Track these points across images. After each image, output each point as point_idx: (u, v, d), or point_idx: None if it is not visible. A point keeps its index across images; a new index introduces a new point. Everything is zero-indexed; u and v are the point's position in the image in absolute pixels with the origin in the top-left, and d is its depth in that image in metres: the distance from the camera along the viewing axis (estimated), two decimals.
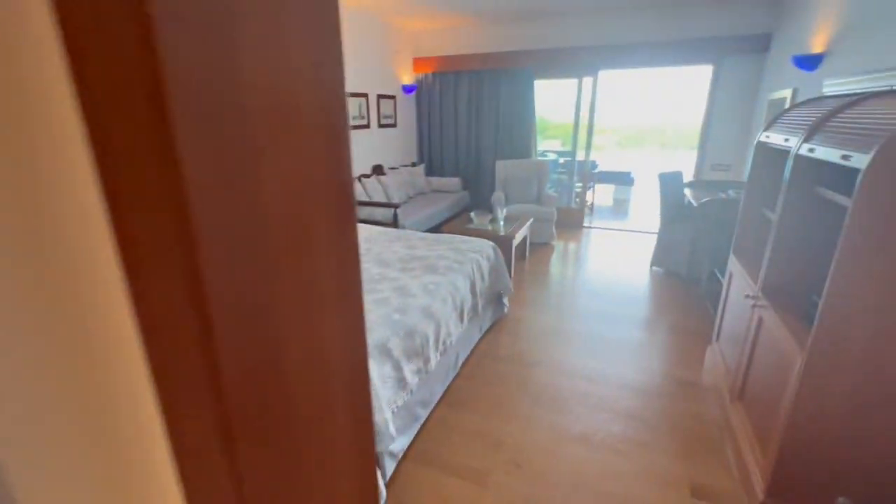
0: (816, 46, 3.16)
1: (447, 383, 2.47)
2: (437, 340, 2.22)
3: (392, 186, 5.09)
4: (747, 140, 4.74)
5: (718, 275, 3.44)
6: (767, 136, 2.12)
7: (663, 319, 3.31)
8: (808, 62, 3.17)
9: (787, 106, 3.58)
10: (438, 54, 5.78)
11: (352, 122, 4.83)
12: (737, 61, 4.61)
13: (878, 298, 1.31)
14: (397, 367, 1.90)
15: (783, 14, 4.05)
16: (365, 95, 5.00)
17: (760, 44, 4.38)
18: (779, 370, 1.66)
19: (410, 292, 2.25)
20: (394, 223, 4.28)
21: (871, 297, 1.32)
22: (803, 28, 3.47)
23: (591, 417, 2.23)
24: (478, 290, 2.77)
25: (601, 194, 8.11)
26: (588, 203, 6.78)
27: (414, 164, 6.11)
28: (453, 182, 5.92)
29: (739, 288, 2.27)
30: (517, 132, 5.71)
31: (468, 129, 5.98)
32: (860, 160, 1.26)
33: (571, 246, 5.23)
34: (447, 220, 5.17)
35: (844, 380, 1.42)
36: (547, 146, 9.04)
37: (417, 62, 5.90)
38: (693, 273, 3.98)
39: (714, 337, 2.64)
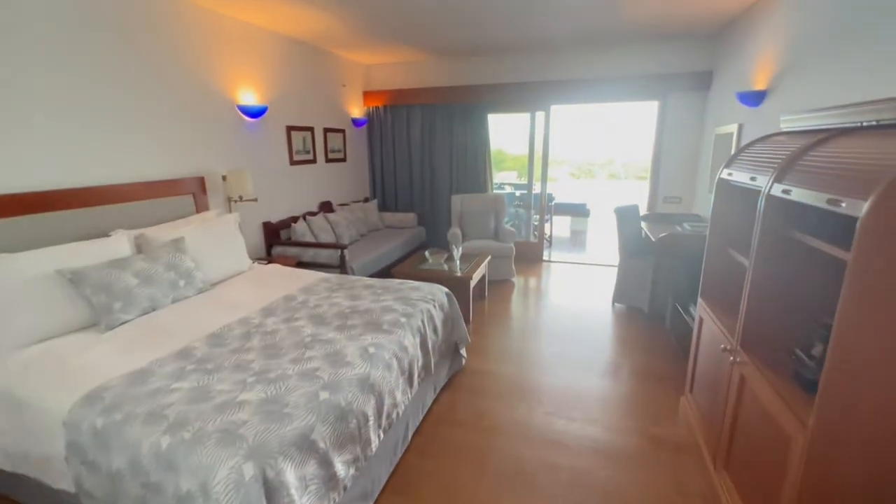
0: (759, 83, 3.19)
1: (395, 462, 2.09)
2: (379, 417, 1.85)
3: (341, 224, 4.74)
4: (696, 173, 4.80)
5: (681, 311, 3.31)
6: (730, 174, 1.98)
7: (630, 363, 3.09)
8: (752, 98, 3.19)
9: (734, 140, 3.60)
10: (390, 88, 5.62)
11: (295, 157, 4.49)
12: (681, 97, 4.71)
13: (890, 363, 1.11)
14: (325, 463, 1.51)
15: (723, 52, 4.18)
16: (310, 129, 4.69)
17: (703, 81, 4.50)
18: (773, 442, 1.43)
19: (345, 359, 1.88)
20: (340, 266, 3.91)
21: (881, 362, 1.11)
22: (745, 65, 3.54)
23: (563, 499, 1.91)
24: (430, 345, 2.44)
25: (558, 226, 8.10)
26: (546, 236, 6.69)
27: (366, 200, 5.81)
28: (408, 218, 5.65)
29: (712, 336, 2.08)
30: (472, 166, 5.57)
31: (422, 163, 5.78)
32: (855, 206, 1.08)
33: (532, 282, 5.03)
34: (402, 259, 4.85)
35: (857, 461, 1.19)
36: (505, 178, 9.04)
37: (368, 95, 5.70)
38: (656, 309, 3.84)
39: (687, 387, 2.43)
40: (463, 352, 2.97)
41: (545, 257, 5.92)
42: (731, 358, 1.77)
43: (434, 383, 2.60)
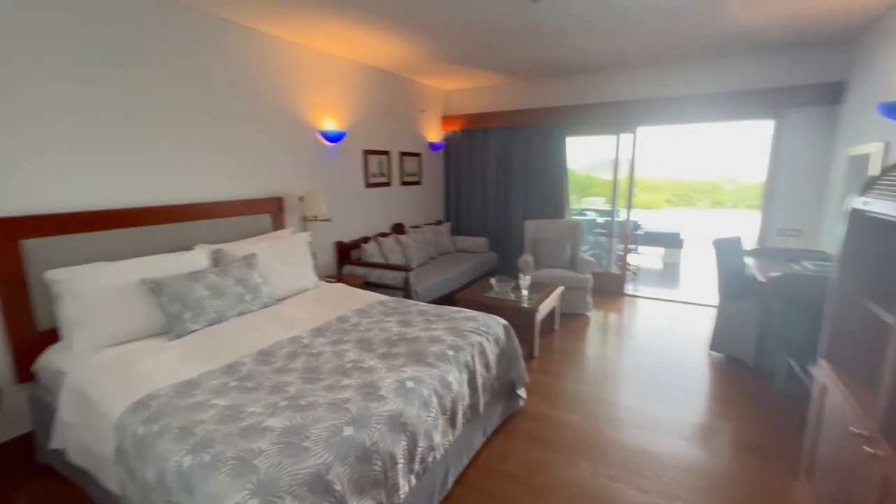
0: None
1: None
2: (410, 460, 1.69)
3: (411, 246, 4.75)
4: (820, 202, 4.02)
5: (798, 370, 2.69)
6: (866, 203, 1.54)
7: (728, 428, 2.56)
8: None
9: (876, 162, 2.92)
10: (468, 112, 5.62)
11: (370, 180, 4.63)
12: (803, 113, 4.01)
13: None
14: None
15: (862, 58, 3.49)
16: (387, 153, 4.83)
17: (832, 93, 3.79)
18: None
19: (379, 392, 1.76)
20: (404, 288, 3.87)
21: None
22: (891, 72, 2.89)
23: None
24: (480, 383, 2.23)
25: (647, 257, 7.37)
26: (631, 267, 6.09)
27: (439, 223, 5.80)
28: (480, 242, 5.51)
29: (839, 412, 1.59)
30: (549, 190, 5.30)
31: (497, 187, 5.65)
32: None
33: (611, 318, 4.54)
34: (469, 284, 4.70)
35: None
36: (591, 203, 8.50)
37: (446, 119, 5.76)
38: (763, 363, 3.20)
39: (803, 471, 1.90)
40: (521, 392, 2.70)
41: (628, 291, 5.36)
42: (869, 449, 1.32)
43: (484, 425, 2.37)
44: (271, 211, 3.52)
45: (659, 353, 3.60)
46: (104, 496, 1.83)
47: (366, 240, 4.49)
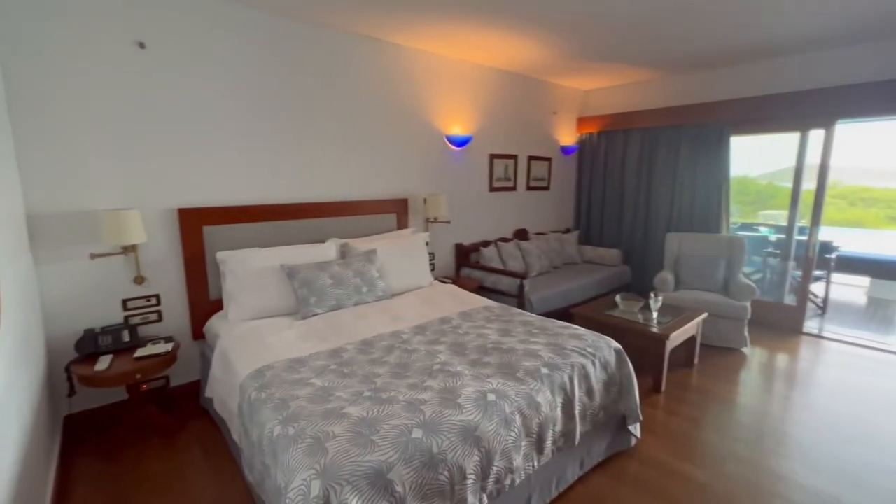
0: None
1: None
2: (483, 478, 1.58)
3: (532, 253, 4.57)
4: None
5: None
6: None
7: None
8: None
9: None
10: (607, 112, 5.18)
11: (495, 184, 4.60)
12: None
13: None
14: None
15: None
16: (514, 157, 4.74)
17: None
18: None
19: (457, 400, 1.69)
20: (518, 296, 3.74)
21: None
22: None
23: None
24: (578, 410, 1.99)
25: (844, 289, 5.76)
26: (816, 299, 4.82)
27: (567, 231, 5.46)
28: (611, 254, 5.01)
29: None
30: (702, 199, 4.52)
31: (636, 194, 5.07)
32: None
33: (778, 360, 3.65)
34: (592, 299, 4.30)
35: None
36: (770, 218, 6.98)
37: (582, 121, 5.41)
38: None
39: None
40: (634, 429, 2.34)
41: (810, 329, 4.25)
42: None
43: (581, 457, 2.11)
44: (397, 211, 3.76)
45: (852, 417, 2.73)
46: (232, 445, 2.17)
47: (486, 244, 4.47)
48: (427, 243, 4.01)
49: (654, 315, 3.24)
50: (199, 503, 1.98)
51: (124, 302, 2.57)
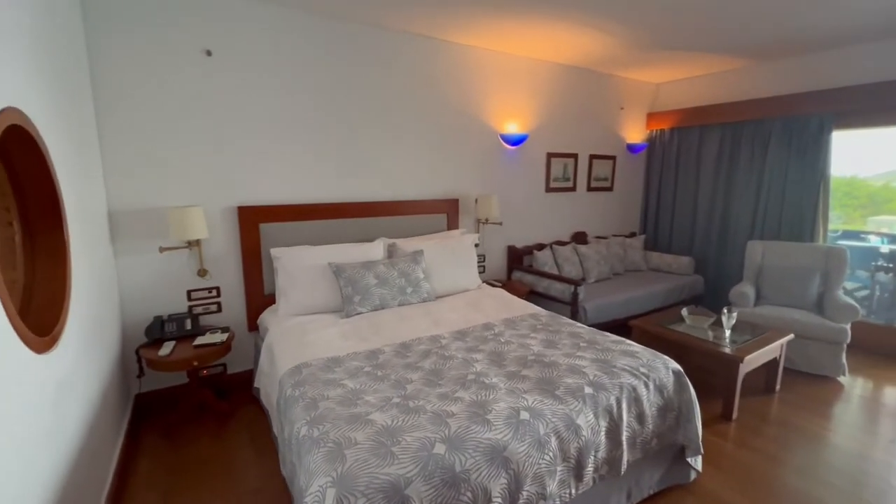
0: None
1: None
2: (511, 502, 1.47)
3: (591, 258, 4.30)
4: None
5: None
6: None
7: None
8: None
9: None
10: (681, 106, 4.73)
11: (552, 184, 4.39)
12: None
13: None
14: None
15: None
16: (573, 156, 4.49)
17: None
18: None
19: (486, 416, 1.59)
20: (571, 303, 3.52)
21: None
22: None
23: None
24: (625, 436, 1.80)
25: None
26: None
27: (632, 235, 5.08)
28: (682, 262, 4.57)
29: None
30: (793, 203, 3.97)
31: (713, 196, 4.58)
32: None
33: (885, 394, 3.10)
34: (655, 311, 3.95)
35: None
36: (882, 225, 5.96)
37: (652, 117, 4.99)
38: None
39: None
40: (694, 462, 2.08)
41: None
42: None
43: (628, 489, 1.91)
44: (447, 211, 3.71)
45: None
46: (274, 437, 2.24)
47: (540, 247, 4.28)
48: (477, 245, 3.93)
49: (727, 333, 2.88)
50: (243, 489, 2.06)
51: (189, 293, 2.77)
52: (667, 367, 2.04)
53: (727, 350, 2.70)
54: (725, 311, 2.90)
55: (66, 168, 1.78)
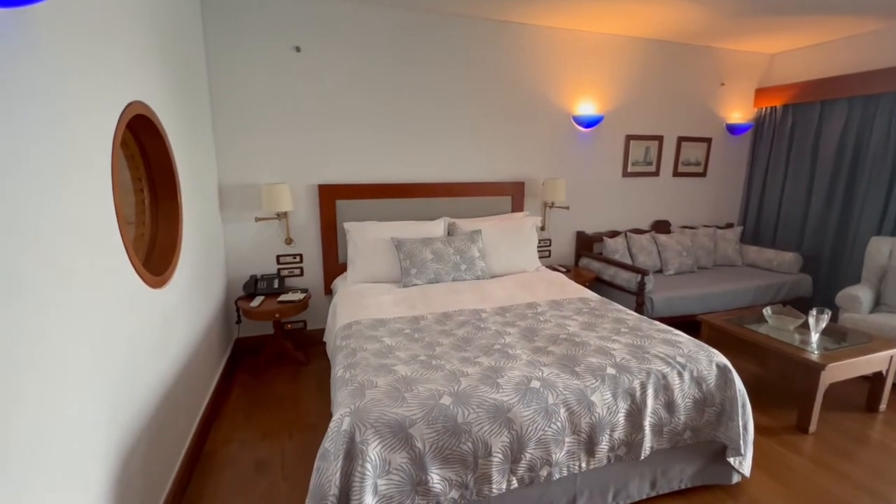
0: None
1: None
2: (513, 461, 1.57)
3: (671, 249, 4.01)
4: None
5: None
6: None
7: None
8: None
9: None
10: (796, 80, 4.10)
11: (630, 168, 4.15)
12: None
13: None
14: (418, 464, 1.48)
15: None
16: (658, 138, 4.18)
17: None
18: None
19: (497, 380, 1.69)
20: (637, 293, 3.36)
21: None
22: None
23: None
24: (648, 421, 1.77)
25: None
26: None
27: (729, 227, 4.59)
28: (786, 258, 4.03)
29: None
30: None
31: (832, 185, 3.93)
32: None
33: None
34: (741, 309, 3.55)
35: None
36: None
37: (762, 93, 4.40)
38: None
39: None
40: (737, 464, 1.94)
41: None
42: None
43: (653, 476, 1.87)
44: (512, 193, 3.75)
45: None
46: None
47: (614, 234, 4.11)
48: (543, 228, 3.93)
49: (814, 337, 2.54)
50: (303, 422, 2.45)
51: (278, 257, 3.26)
52: (710, 361, 1.92)
53: (810, 355, 2.39)
54: (814, 312, 2.55)
55: (183, 149, 2.25)
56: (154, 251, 2.03)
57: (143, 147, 1.98)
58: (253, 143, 3.05)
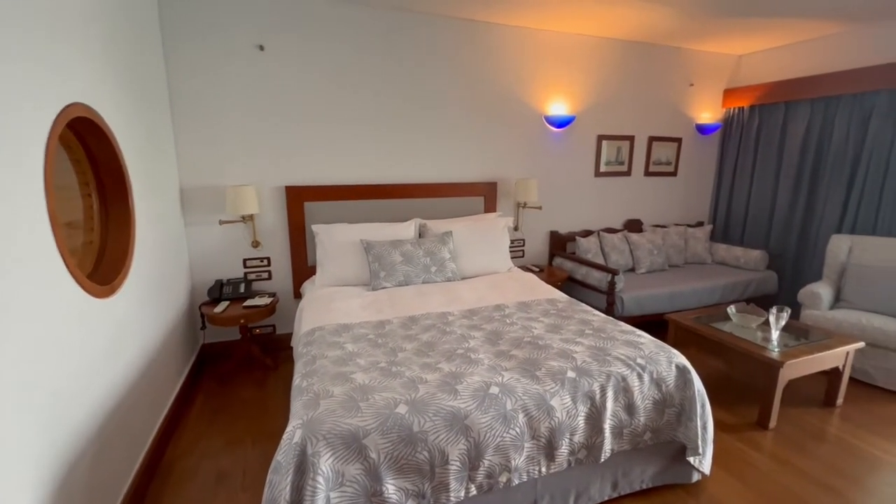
0: None
1: None
2: (471, 468, 1.56)
3: (643, 248, 4.06)
4: None
5: None
6: None
7: None
8: None
9: None
10: (763, 80, 4.19)
11: (602, 168, 4.18)
12: None
13: None
14: (372, 476, 1.45)
15: None
16: (629, 138, 4.22)
17: None
18: None
19: (457, 386, 1.67)
20: (608, 293, 3.39)
21: None
22: None
23: None
24: (608, 424, 1.77)
25: None
26: None
27: (699, 225, 4.67)
28: (753, 256, 4.11)
29: None
30: (893, 194, 3.36)
31: (797, 183, 4.03)
32: None
33: None
34: (708, 307, 3.62)
35: None
36: None
37: (730, 94, 4.48)
38: None
39: None
40: (697, 462, 1.96)
41: None
42: None
43: (614, 478, 1.88)
44: (485, 194, 3.74)
45: None
46: None
47: (587, 233, 4.14)
48: (517, 228, 3.93)
49: (775, 334, 2.60)
50: (268, 428, 2.40)
51: (244, 261, 3.19)
52: (670, 361, 1.94)
53: (769, 353, 2.44)
54: (774, 310, 2.60)
55: (136, 152, 2.17)
56: (104, 258, 1.95)
57: (90, 150, 1.90)
58: (216, 144, 2.96)
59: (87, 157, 1.89)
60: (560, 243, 4.12)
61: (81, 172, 1.88)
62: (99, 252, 1.95)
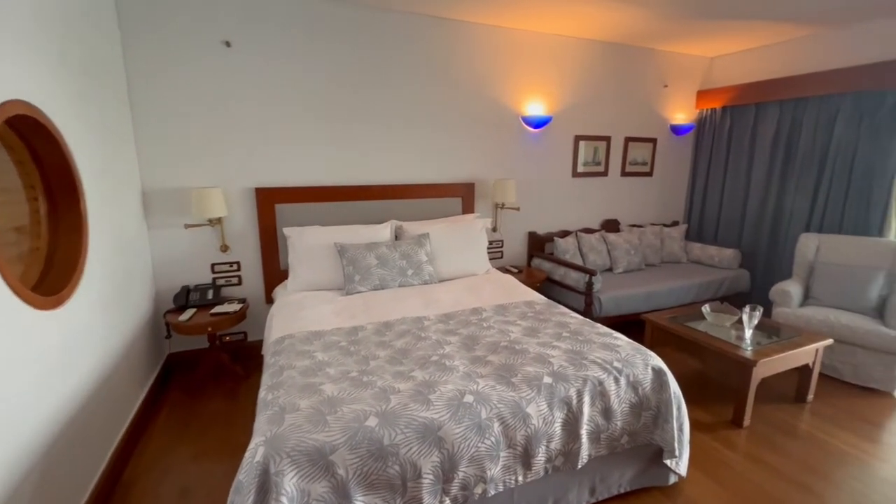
0: None
1: None
2: (445, 480, 1.51)
3: (620, 248, 4.08)
4: None
5: None
6: None
7: None
8: None
9: None
10: (735, 83, 4.26)
11: (580, 169, 4.19)
12: None
13: None
14: (340, 493, 1.38)
15: None
16: (606, 139, 4.24)
17: None
18: None
19: (429, 395, 1.62)
20: (586, 293, 3.39)
21: None
22: None
23: None
24: (585, 429, 1.75)
25: None
26: None
27: (674, 224, 4.73)
28: (726, 255, 4.18)
29: None
30: (859, 192, 3.46)
31: (767, 184, 4.11)
32: None
33: None
34: (684, 307, 3.66)
35: None
36: None
37: (703, 95, 4.55)
38: None
39: None
40: (674, 465, 1.96)
41: None
42: None
43: (592, 484, 1.86)
44: (462, 195, 3.70)
45: None
46: None
47: (565, 234, 4.14)
48: (495, 229, 3.90)
49: (748, 333, 2.63)
50: (239, 440, 2.29)
51: (213, 266, 3.06)
52: (646, 364, 1.93)
53: (742, 352, 2.47)
54: (748, 309, 2.63)
55: (88, 153, 2.04)
56: (52, 266, 1.82)
57: (35, 151, 1.77)
58: (181, 144, 2.83)
59: (31, 159, 1.77)
60: (538, 244, 4.11)
61: (26, 174, 1.75)
62: (47, 259, 1.82)
